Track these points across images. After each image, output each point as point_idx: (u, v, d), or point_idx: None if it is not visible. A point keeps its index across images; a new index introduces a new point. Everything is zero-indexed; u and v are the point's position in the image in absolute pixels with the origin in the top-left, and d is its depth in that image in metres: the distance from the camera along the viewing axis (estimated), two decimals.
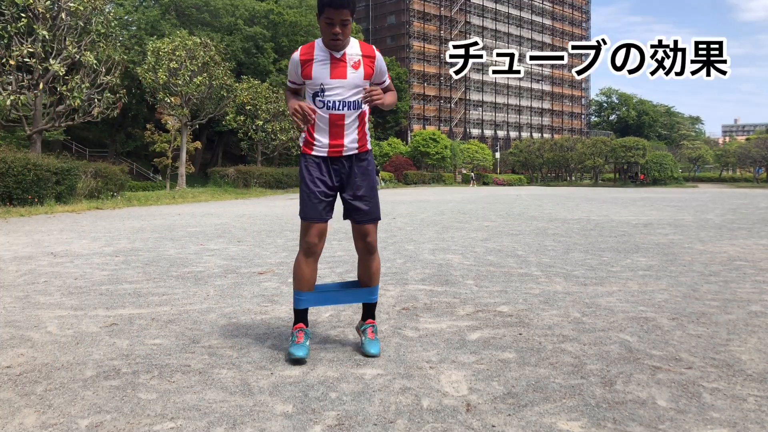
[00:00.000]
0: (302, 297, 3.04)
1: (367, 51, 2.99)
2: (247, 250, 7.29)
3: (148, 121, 35.51)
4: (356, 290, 3.20)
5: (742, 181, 63.01)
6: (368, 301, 3.17)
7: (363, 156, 3.05)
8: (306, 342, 2.98)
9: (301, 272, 3.02)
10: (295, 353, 2.90)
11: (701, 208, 16.05)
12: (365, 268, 3.13)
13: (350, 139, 2.98)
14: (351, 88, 2.92)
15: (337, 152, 2.98)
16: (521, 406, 2.36)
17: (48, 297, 4.50)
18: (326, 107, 2.92)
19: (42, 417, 2.28)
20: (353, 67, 2.92)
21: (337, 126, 2.94)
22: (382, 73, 3.08)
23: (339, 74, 2.90)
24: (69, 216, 13.62)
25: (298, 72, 2.97)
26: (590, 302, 4.23)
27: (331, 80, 2.90)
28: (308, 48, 2.96)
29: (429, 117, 77.01)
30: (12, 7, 18.93)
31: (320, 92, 2.91)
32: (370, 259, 3.11)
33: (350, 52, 2.94)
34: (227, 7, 45.00)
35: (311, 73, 2.91)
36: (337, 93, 2.91)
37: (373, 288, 3.16)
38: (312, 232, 2.98)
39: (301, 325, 3.05)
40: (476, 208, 16.23)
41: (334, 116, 2.93)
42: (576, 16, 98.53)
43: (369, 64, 2.97)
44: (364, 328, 3.14)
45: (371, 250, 3.09)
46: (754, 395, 2.48)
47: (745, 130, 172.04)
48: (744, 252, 6.95)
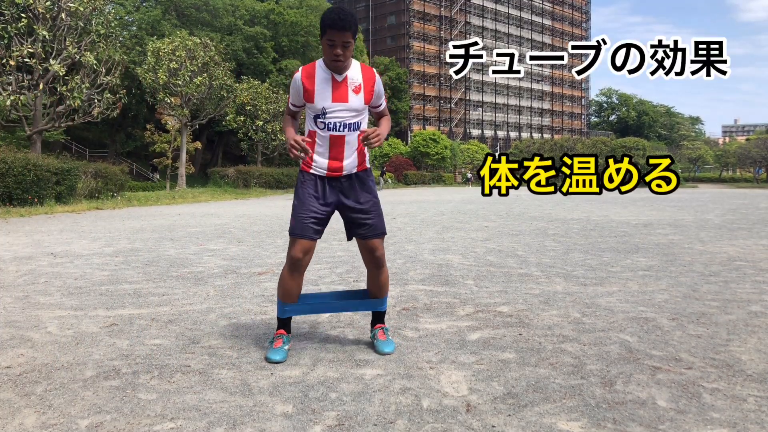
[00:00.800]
0: (286, 307, 3.09)
1: (368, 74, 3.01)
2: (247, 250, 7.29)
3: (148, 121, 35.51)
4: (365, 300, 3.25)
5: (742, 181, 63.00)
6: (378, 310, 3.23)
7: (362, 174, 3.07)
8: (284, 347, 3.02)
9: (285, 285, 3.04)
10: (272, 357, 2.95)
11: (701, 209, 16.05)
12: (374, 281, 3.16)
13: (349, 160, 3.00)
14: (352, 111, 2.95)
15: (336, 174, 3.00)
16: (521, 407, 2.36)
17: (48, 297, 4.50)
18: (327, 128, 2.93)
19: (42, 417, 2.28)
20: (354, 91, 2.94)
21: (337, 146, 2.96)
22: (380, 97, 3.10)
23: (340, 98, 2.92)
24: (69, 216, 13.62)
25: (300, 94, 2.97)
26: (590, 302, 4.22)
27: (332, 103, 2.91)
28: (309, 69, 2.95)
29: (429, 117, 77.02)
30: (12, 7, 18.94)
31: (321, 114, 2.93)
32: (379, 273, 3.13)
33: (351, 76, 2.96)
34: (227, 8, 45.01)
35: (313, 98, 2.92)
36: (338, 116, 2.92)
37: (385, 298, 3.21)
38: (297, 247, 2.97)
39: (282, 331, 3.09)
40: (476, 208, 16.23)
41: (334, 137, 2.95)
42: (576, 17, 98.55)
43: (369, 91, 3.00)
44: (374, 332, 3.20)
45: (380, 264, 3.11)
46: (754, 395, 2.48)
47: (745, 130, 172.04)
48: (744, 252, 6.95)
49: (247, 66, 44.36)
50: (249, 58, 44.77)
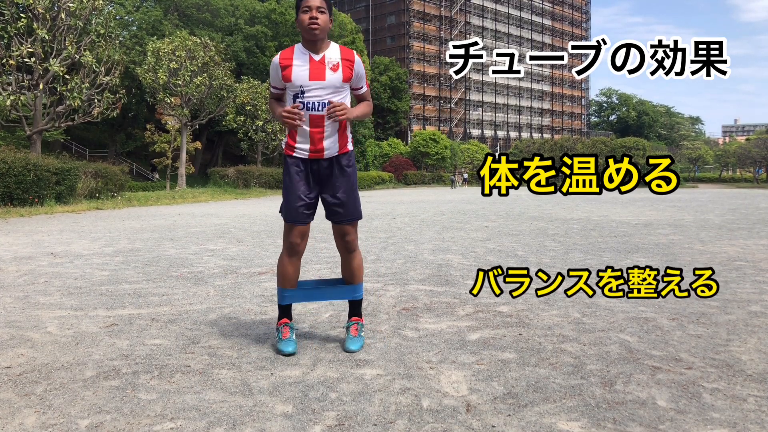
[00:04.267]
0: (286, 294, 3.15)
1: (347, 55, 3.03)
2: (247, 250, 7.29)
3: (148, 121, 35.48)
4: (340, 287, 3.27)
5: (742, 181, 63.03)
6: (352, 297, 3.24)
7: (344, 157, 3.08)
8: (292, 336, 3.10)
9: (284, 270, 3.12)
10: (284, 349, 3.01)
11: (701, 209, 16.05)
12: (346, 265, 3.21)
13: (330, 141, 3.01)
14: (330, 89, 2.96)
15: (317, 155, 3.01)
16: (521, 407, 2.36)
17: (48, 297, 4.50)
18: (306, 108, 2.95)
19: (42, 417, 2.28)
20: (332, 69, 2.96)
21: (318, 126, 2.97)
22: (360, 79, 3.11)
23: (317, 76, 2.94)
24: (69, 216, 13.62)
25: (279, 75, 3.01)
26: (590, 302, 4.22)
27: (310, 82, 2.93)
28: (288, 52, 3.01)
29: (429, 117, 76.98)
30: (12, 7, 18.94)
31: (300, 94, 2.95)
32: (350, 257, 3.17)
33: (329, 56, 2.98)
34: (228, 8, 45.00)
35: (290, 76, 2.95)
36: (316, 94, 2.94)
37: (357, 285, 3.22)
38: (294, 233, 3.08)
39: (286, 320, 3.16)
40: (476, 208, 16.23)
41: (313, 117, 2.96)
42: (576, 17, 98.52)
43: (348, 67, 3.00)
44: (348, 325, 3.21)
45: (350, 248, 3.16)
46: (754, 395, 2.48)
47: (745, 130, 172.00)
48: (744, 252, 6.95)
49: (248, 66, 44.35)
50: (250, 58, 44.76)
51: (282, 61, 2.98)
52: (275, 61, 3.01)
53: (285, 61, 2.97)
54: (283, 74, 2.97)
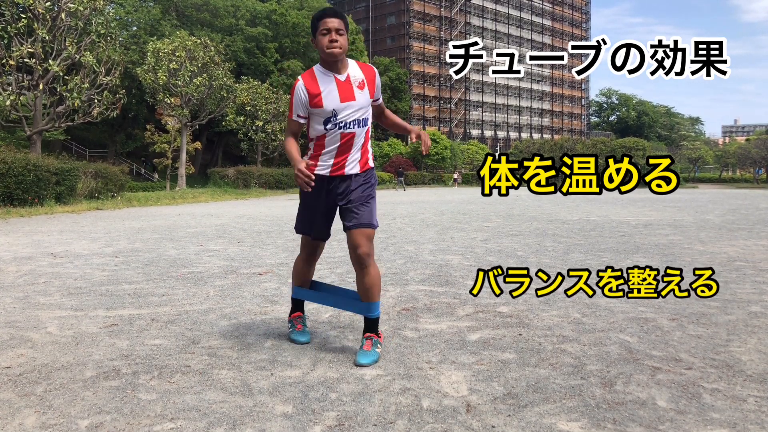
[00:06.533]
0: (300, 291, 3.34)
1: (367, 70, 3.04)
2: (247, 250, 7.29)
3: (148, 121, 35.50)
4: (355, 301, 3.14)
5: (742, 181, 63.03)
6: (365, 315, 3.04)
7: (365, 175, 3.06)
8: (305, 328, 3.32)
9: (299, 270, 3.30)
10: (299, 339, 3.24)
11: (701, 209, 16.05)
12: (359, 281, 3.01)
13: (354, 157, 3.00)
14: (360, 108, 2.97)
15: (339, 172, 3.00)
16: (521, 407, 2.36)
17: (48, 297, 4.50)
18: (338, 128, 2.94)
19: (42, 417, 2.28)
20: (359, 87, 2.96)
21: (347, 144, 2.97)
22: (379, 92, 3.13)
23: (348, 97, 2.93)
24: (69, 216, 13.62)
25: (306, 103, 2.92)
26: (590, 303, 4.22)
27: (341, 104, 2.92)
28: (310, 78, 2.93)
29: (429, 117, 77.00)
30: (12, 7, 18.94)
31: (333, 117, 2.92)
32: (363, 273, 2.96)
33: (353, 74, 2.97)
34: (228, 8, 45.00)
35: (322, 103, 2.91)
36: (347, 114, 2.94)
37: (372, 304, 3.00)
38: (309, 244, 3.24)
39: (299, 313, 3.34)
40: (476, 209, 16.23)
41: (345, 135, 2.95)
42: (576, 17, 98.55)
43: (372, 85, 3.03)
44: (363, 341, 3.03)
45: (363, 263, 2.95)
46: (754, 396, 2.48)
47: (745, 130, 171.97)
48: (744, 252, 6.95)
49: (248, 66, 44.35)
50: (250, 59, 44.76)
51: (309, 88, 2.90)
52: (300, 87, 2.91)
53: (312, 89, 2.90)
54: (314, 102, 2.90)
